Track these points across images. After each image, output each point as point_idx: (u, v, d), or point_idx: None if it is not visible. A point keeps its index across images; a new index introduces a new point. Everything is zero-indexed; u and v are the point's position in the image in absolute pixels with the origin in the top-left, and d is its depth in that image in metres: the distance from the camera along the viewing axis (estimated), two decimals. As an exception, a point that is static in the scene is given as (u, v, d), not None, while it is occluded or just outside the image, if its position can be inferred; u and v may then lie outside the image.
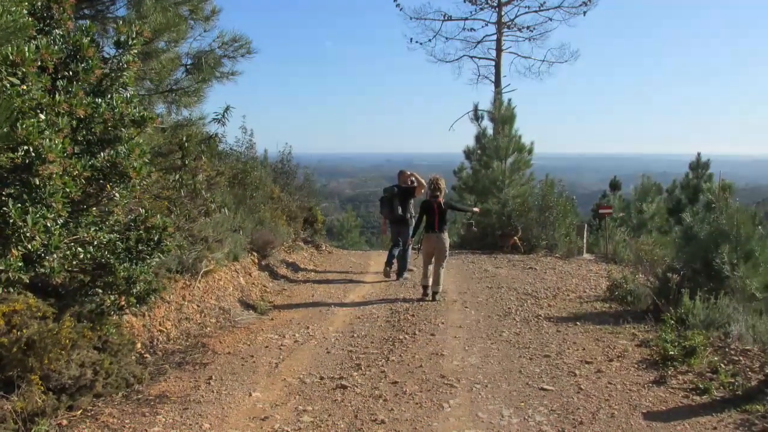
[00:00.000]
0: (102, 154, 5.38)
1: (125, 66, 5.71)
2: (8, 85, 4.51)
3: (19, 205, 4.61)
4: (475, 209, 14.66)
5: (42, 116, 4.75)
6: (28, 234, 4.55)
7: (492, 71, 34.84)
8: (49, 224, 4.67)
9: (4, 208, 4.58)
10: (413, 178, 14.03)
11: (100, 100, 5.33)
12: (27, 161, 4.55)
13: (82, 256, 5.34)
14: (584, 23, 36.17)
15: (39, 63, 4.75)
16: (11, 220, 4.55)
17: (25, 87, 4.61)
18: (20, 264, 4.80)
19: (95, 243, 5.46)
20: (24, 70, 4.58)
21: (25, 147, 4.50)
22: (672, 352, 7.80)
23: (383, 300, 11.90)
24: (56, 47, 5.06)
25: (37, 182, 4.61)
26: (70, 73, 5.24)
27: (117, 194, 5.45)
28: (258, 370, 7.67)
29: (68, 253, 5.23)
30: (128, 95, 5.68)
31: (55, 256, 4.95)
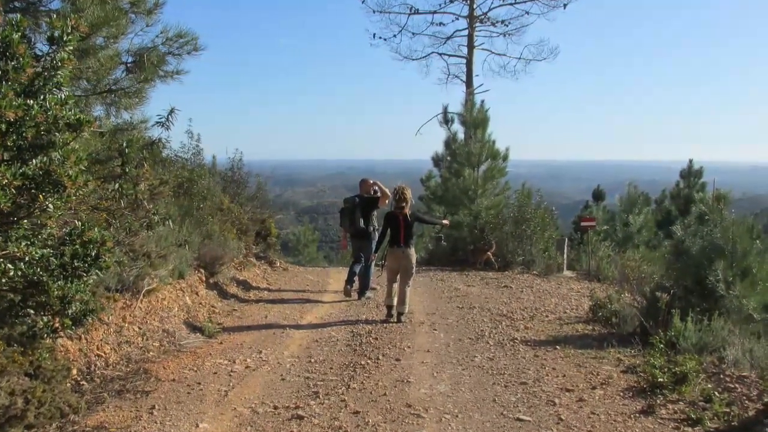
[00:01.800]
0: (34, 161, 5.36)
1: (60, 64, 5.70)
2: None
3: (-57, 217, 4.60)
4: (445, 222, 14.67)
5: (-32, 119, 4.75)
6: (-48, 249, 4.55)
7: (463, 70, 34.94)
8: (-25, 238, 4.66)
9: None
10: (376, 188, 14.09)
11: (31, 101, 5.32)
12: (-49, 169, 4.55)
13: (12, 273, 5.33)
14: (566, 18, 36.49)
15: (-36, 61, 4.75)
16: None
17: (-51, 87, 4.61)
18: (-57, 282, 4.80)
19: (27, 259, 5.45)
20: (-52, 68, 4.59)
21: (-51, 153, 4.49)
22: (661, 379, 7.81)
23: (343, 322, 11.94)
24: (-17, 43, 5.06)
25: (-37, 192, 4.60)
26: (-1, 72, 5.24)
27: (51, 205, 5.43)
28: (205, 399, 7.68)
29: (-4, 270, 5.22)
30: (63, 96, 5.66)
31: (-18, 273, 4.94)
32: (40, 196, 5.35)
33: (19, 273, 5.44)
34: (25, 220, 5.63)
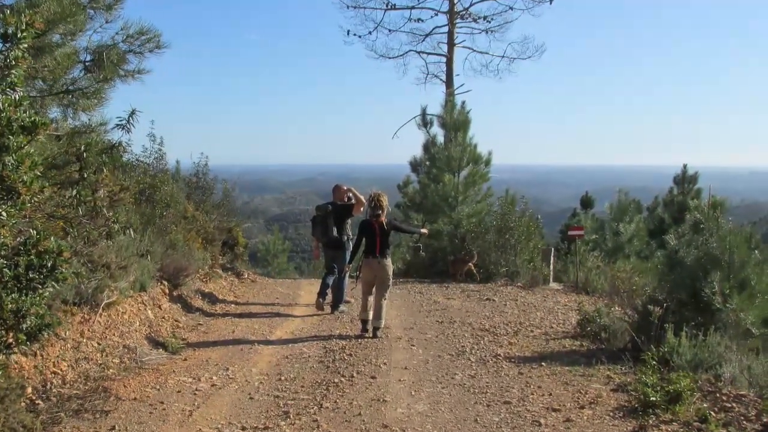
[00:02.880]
0: (-14, 166, 5.36)
1: (13, 63, 5.69)
2: None
3: None
4: (423, 230, 14.67)
5: None
6: None
7: (443, 69, 34.82)
8: (-76, 248, 4.66)
9: None
10: (350, 195, 14.11)
11: (-17, 102, 5.32)
12: None
13: (-38, 285, 5.32)
14: (552, 15, 36.60)
15: None
16: None
17: None
18: None
19: (-22, 270, 5.44)
20: None
21: None
22: (653, 398, 7.76)
23: (316, 337, 11.97)
24: (-68, 41, 5.05)
25: None
26: (-51, 71, 5.23)
27: (4, 213, 5.43)
28: (168, 419, 7.67)
29: (-54, 282, 5.21)
30: (17, 97, 5.65)
31: (-69, 285, 4.93)
32: (-7, 203, 5.34)
33: (-30, 285, 5.42)
34: (-23, 229, 5.62)
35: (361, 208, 13.80)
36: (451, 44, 34.29)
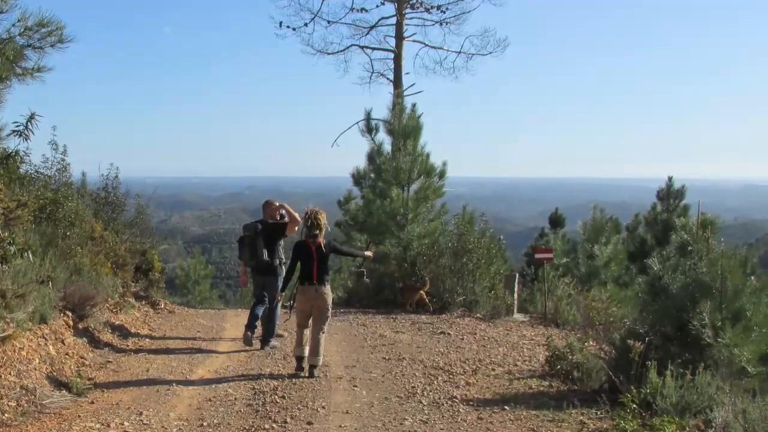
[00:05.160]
0: None
1: None
2: None
3: None
4: (368, 253, 14.67)
5: None
6: None
7: (390, 66, 34.84)
8: None
9: None
10: (283, 212, 14.14)
11: None
12: None
13: None
14: (519, 5, 36.56)
15: None
16: None
17: None
18: None
19: None
20: None
21: None
22: None
23: (243, 376, 11.96)
24: None
25: None
26: None
27: None
28: (73, 472, 7.67)
29: None
30: None
31: None
32: None
33: None
34: None
35: (296, 228, 13.81)
36: (399, 38, 34.20)
